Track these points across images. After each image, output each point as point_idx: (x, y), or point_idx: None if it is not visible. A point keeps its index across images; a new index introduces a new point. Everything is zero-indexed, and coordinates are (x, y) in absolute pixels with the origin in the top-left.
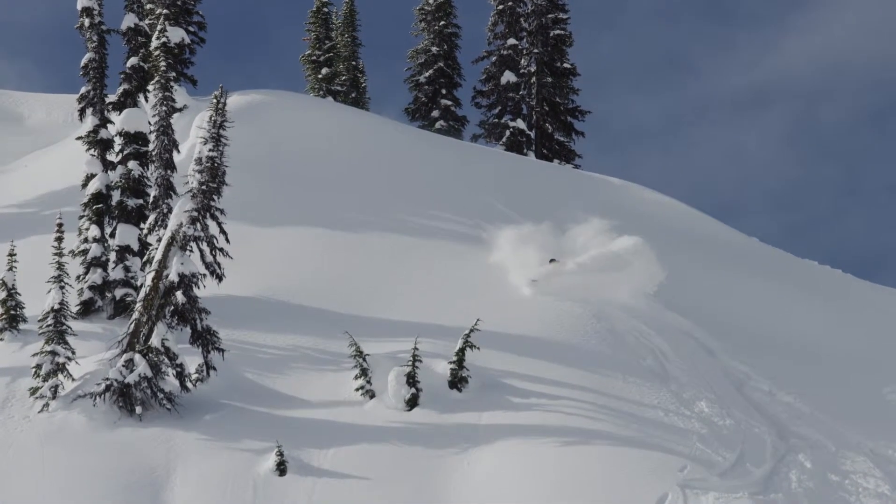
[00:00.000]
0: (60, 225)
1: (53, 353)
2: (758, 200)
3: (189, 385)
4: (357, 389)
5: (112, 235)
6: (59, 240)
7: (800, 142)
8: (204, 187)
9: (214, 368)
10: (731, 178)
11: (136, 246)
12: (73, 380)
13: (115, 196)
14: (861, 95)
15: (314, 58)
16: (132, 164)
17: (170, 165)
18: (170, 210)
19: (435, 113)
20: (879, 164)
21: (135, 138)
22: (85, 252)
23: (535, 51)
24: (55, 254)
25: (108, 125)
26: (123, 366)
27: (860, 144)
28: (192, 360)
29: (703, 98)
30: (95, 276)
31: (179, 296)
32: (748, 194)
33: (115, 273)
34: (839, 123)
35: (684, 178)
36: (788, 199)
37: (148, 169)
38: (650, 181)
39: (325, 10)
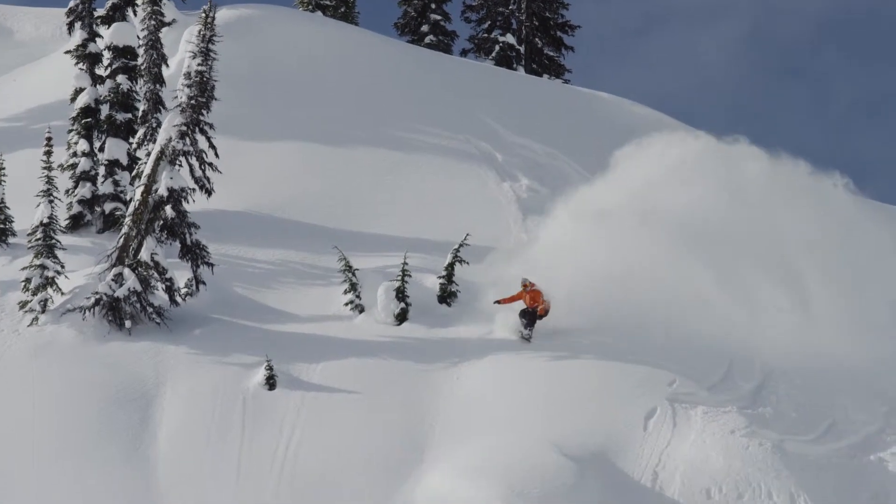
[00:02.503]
0: (49, 139)
1: (43, 267)
2: (718, 113)
3: (178, 299)
4: (346, 304)
5: (101, 149)
6: (49, 154)
7: (757, 55)
8: (193, 102)
9: (204, 283)
10: (689, 90)
11: (125, 160)
12: (63, 294)
13: (105, 110)
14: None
15: None
16: (121, 78)
17: (159, 80)
18: (159, 124)
19: (424, 28)
20: (840, 81)
21: (123, 52)
22: (74, 166)
23: None
24: (44, 168)
25: (97, 39)
26: (113, 280)
27: (821, 61)
28: (181, 275)
29: (662, 7)
30: (84, 191)
31: (169, 210)
32: (707, 106)
33: (105, 187)
34: (799, 36)
35: (642, 88)
36: (747, 111)
37: (137, 83)
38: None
39: None
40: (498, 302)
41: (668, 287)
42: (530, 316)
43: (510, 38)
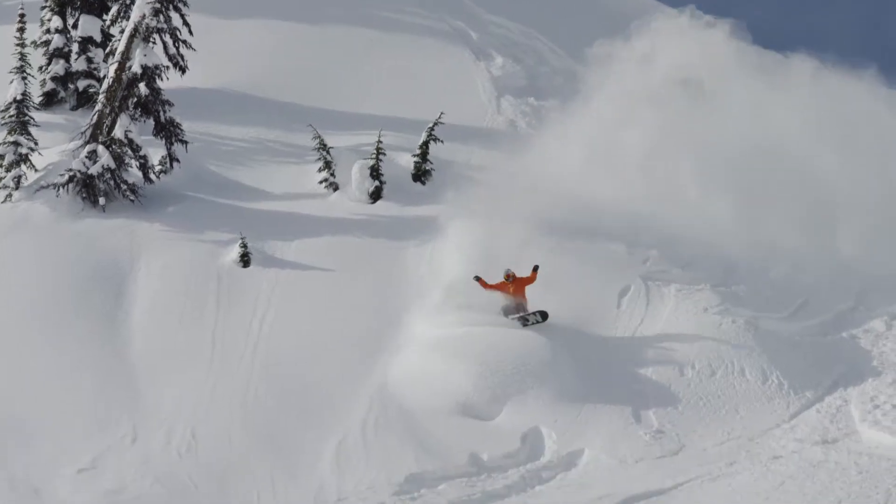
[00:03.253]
0: (22, 16)
1: (16, 144)
2: None
3: (152, 177)
4: (321, 182)
5: (74, 26)
6: (21, 30)
7: None
8: None
9: (178, 160)
10: None
11: (98, 37)
12: (37, 170)
13: None
14: None
15: None
16: None
17: None
18: (132, 1)
19: None
20: None
21: None
22: (47, 43)
23: None
24: (17, 44)
25: None
26: (86, 157)
27: None
28: (155, 153)
29: None
30: (58, 68)
31: (142, 87)
32: None
33: (78, 64)
34: None
35: None
36: None
37: None
38: None
39: None
40: (477, 279)
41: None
42: (518, 307)
43: None
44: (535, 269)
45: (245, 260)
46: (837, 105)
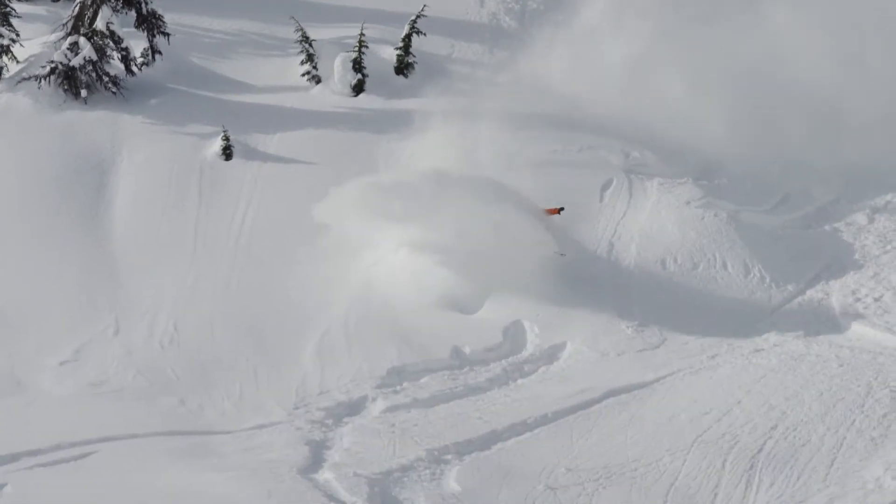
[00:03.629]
0: None
1: None
2: None
3: (134, 69)
4: (303, 75)
5: None
6: None
7: None
8: None
9: (160, 52)
10: None
11: None
12: (18, 62)
13: None
14: None
15: None
16: None
17: None
18: None
19: None
20: None
21: None
22: None
23: None
24: None
25: None
26: (68, 49)
27: None
28: (137, 45)
29: None
30: None
31: None
32: None
33: None
34: None
35: None
36: None
37: None
38: None
39: None
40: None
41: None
42: None
43: None
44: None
45: (227, 153)
46: (845, 17)
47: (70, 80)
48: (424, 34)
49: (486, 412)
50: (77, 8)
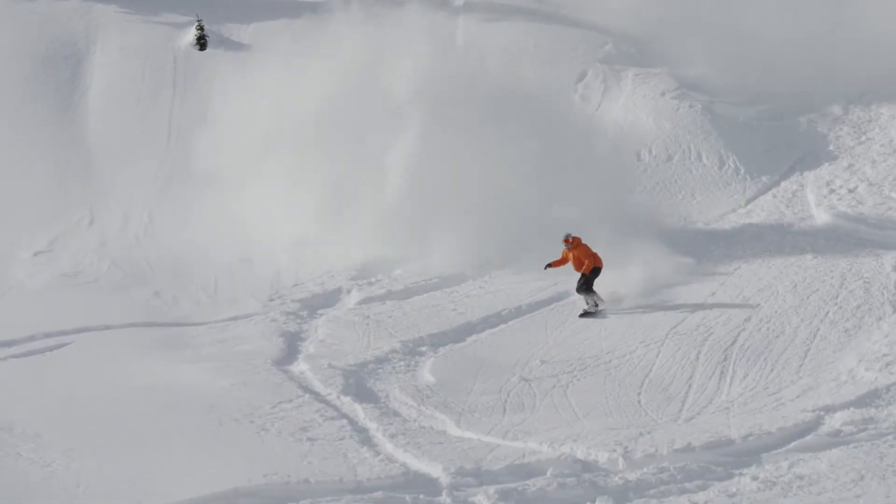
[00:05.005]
0: None
1: None
2: None
3: None
4: None
5: None
6: None
7: None
8: None
9: None
10: None
11: None
12: None
13: None
14: None
15: None
16: None
17: None
18: None
19: None
20: None
21: None
22: None
23: None
24: None
25: None
26: None
27: None
28: None
29: None
30: None
31: None
32: None
33: None
34: None
35: None
36: None
37: None
38: None
39: None
40: (549, 266)
41: None
42: (586, 281)
43: None
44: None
45: (202, 43)
46: None
47: None
48: None
49: (461, 304)
50: None
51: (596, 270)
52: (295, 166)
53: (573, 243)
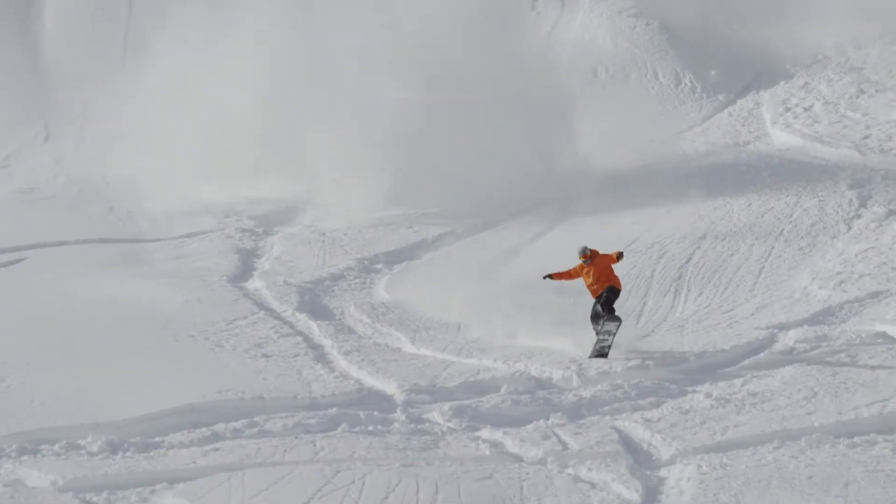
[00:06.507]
0: None
1: None
2: None
3: None
4: None
5: None
6: None
7: None
8: None
9: None
10: None
11: None
12: None
13: None
14: None
15: None
16: None
17: None
18: None
19: None
20: None
21: None
22: None
23: None
24: None
25: None
26: None
27: None
28: None
29: None
30: None
31: None
32: None
33: None
34: None
35: None
36: None
37: None
38: None
39: None
40: (549, 277)
41: None
42: (605, 307)
43: None
44: (620, 255)
45: None
46: None
47: None
48: None
49: (417, 223)
50: None
51: (614, 291)
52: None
53: (591, 257)
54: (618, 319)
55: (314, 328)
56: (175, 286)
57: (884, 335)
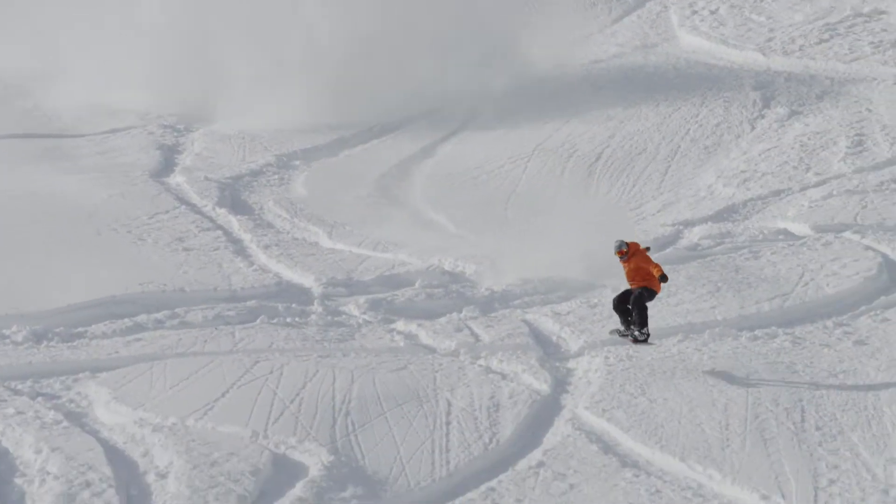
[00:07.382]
0: None
1: None
2: None
3: None
4: None
5: None
6: None
7: None
8: None
9: None
10: None
11: None
12: None
13: None
14: None
15: None
16: None
17: None
18: None
19: None
20: None
21: None
22: None
23: None
24: None
25: None
26: None
27: None
28: None
29: None
30: None
31: None
32: None
33: None
34: None
35: None
36: None
37: None
38: None
39: None
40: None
41: None
42: (638, 306)
43: None
44: (663, 277)
45: None
46: None
47: None
48: None
49: (335, 119)
50: None
51: (650, 293)
52: None
53: (628, 253)
54: (647, 340)
55: (234, 223)
56: (98, 181)
57: (785, 232)
